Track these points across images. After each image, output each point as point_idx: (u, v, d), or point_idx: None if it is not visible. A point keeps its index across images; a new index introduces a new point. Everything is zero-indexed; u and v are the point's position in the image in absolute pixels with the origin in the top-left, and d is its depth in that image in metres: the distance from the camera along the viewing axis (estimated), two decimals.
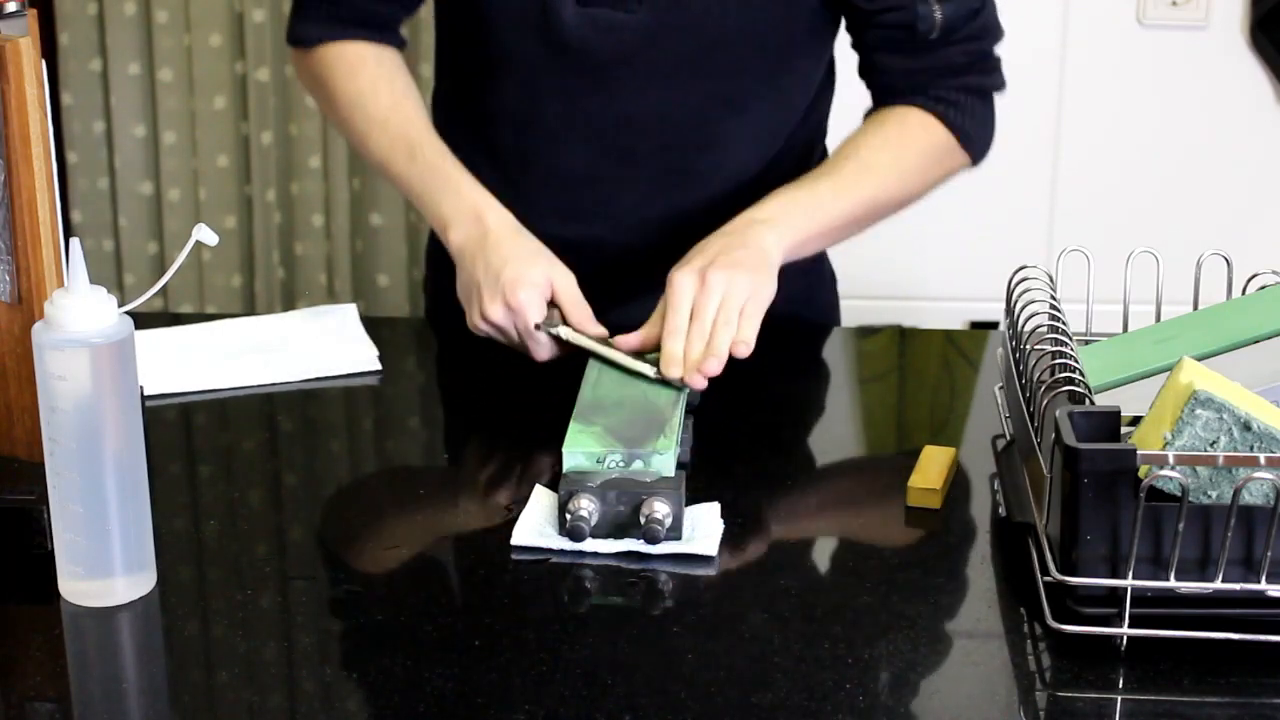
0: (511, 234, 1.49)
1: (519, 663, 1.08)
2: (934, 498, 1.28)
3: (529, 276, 1.45)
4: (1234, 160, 2.73)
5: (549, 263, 1.47)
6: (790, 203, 1.51)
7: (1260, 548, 1.07)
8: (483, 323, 1.47)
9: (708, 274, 1.41)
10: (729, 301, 1.40)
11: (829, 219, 1.53)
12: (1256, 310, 1.26)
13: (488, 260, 1.47)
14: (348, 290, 2.85)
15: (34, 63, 1.17)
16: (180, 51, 2.77)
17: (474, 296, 1.47)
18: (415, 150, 1.56)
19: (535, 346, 1.45)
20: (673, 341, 1.38)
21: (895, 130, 1.58)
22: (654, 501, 1.20)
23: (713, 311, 1.39)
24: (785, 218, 1.50)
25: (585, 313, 1.46)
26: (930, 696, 1.07)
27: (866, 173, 1.55)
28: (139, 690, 1.07)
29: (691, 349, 1.38)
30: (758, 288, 1.42)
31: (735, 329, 1.39)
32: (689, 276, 1.41)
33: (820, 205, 1.52)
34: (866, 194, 1.55)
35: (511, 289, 1.44)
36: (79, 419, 1.10)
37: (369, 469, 1.43)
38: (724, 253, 1.44)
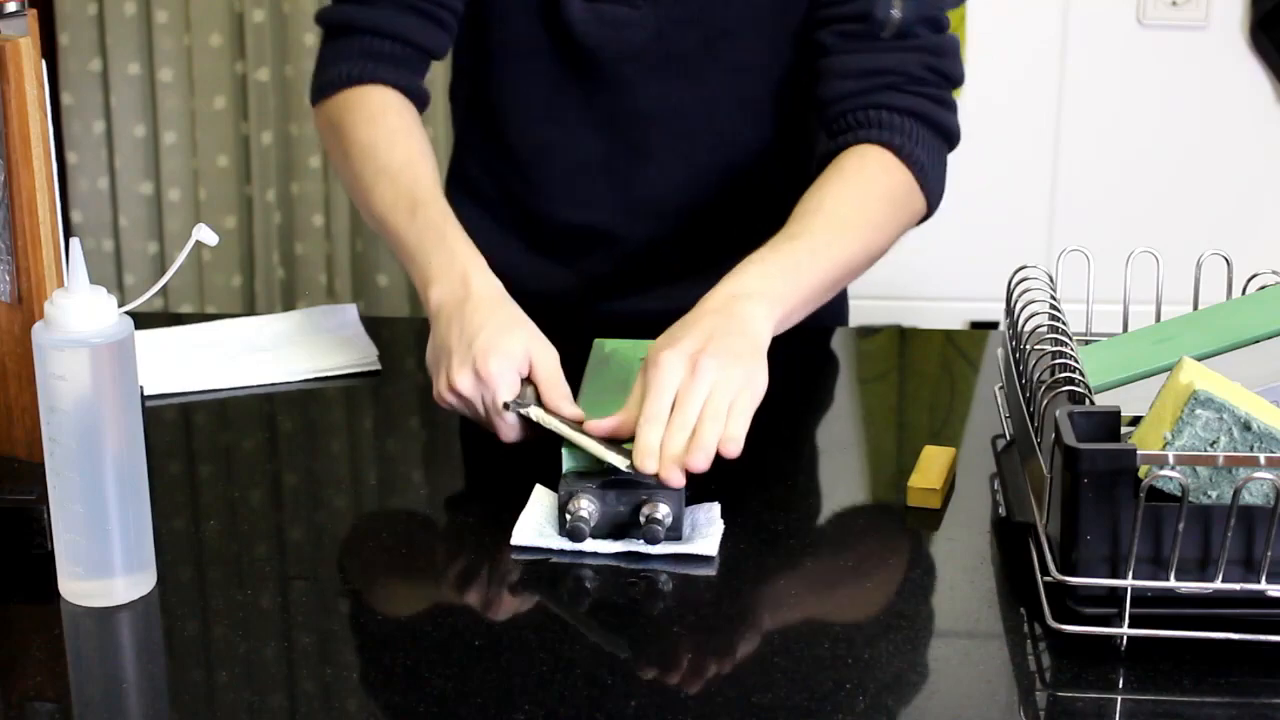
0: (494, 301, 1.35)
1: (519, 663, 1.08)
2: (934, 498, 1.28)
3: (504, 346, 1.30)
4: (1234, 160, 2.73)
5: (529, 335, 1.32)
6: (769, 272, 1.39)
7: (1260, 548, 1.07)
8: (449, 394, 1.31)
9: (699, 360, 1.26)
10: (718, 393, 1.25)
11: (809, 286, 1.41)
12: (1256, 310, 1.26)
13: (464, 325, 1.32)
14: (348, 290, 2.85)
15: (34, 63, 1.17)
16: (180, 51, 2.78)
17: (442, 363, 1.33)
18: (418, 208, 1.44)
19: (502, 425, 1.30)
20: (649, 430, 1.23)
21: (856, 175, 1.49)
22: (654, 501, 1.20)
23: (698, 402, 1.25)
24: (770, 290, 1.37)
25: (562, 393, 1.30)
26: (930, 696, 1.07)
27: (838, 229, 1.45)
28: (139, 690, 1.07)
29: (670, 441, 1.22)
30: (751, 379, 1.28)
31: (722, 424, 1.24)
32: (677, 359, 1.26)
33: (800, 272, 1.40)
34: (842, 253, 1.45)
35: (483, 358, 1.29)
36: (79, 419, 1.10)
37: (369, 469, 1.43)
38: (716, 337, 1.29)
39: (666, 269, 1.64)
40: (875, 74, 1.51)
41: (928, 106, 1.52)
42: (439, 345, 1.34)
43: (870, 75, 1.51)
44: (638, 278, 1.64)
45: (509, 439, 1.31)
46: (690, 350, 1.27)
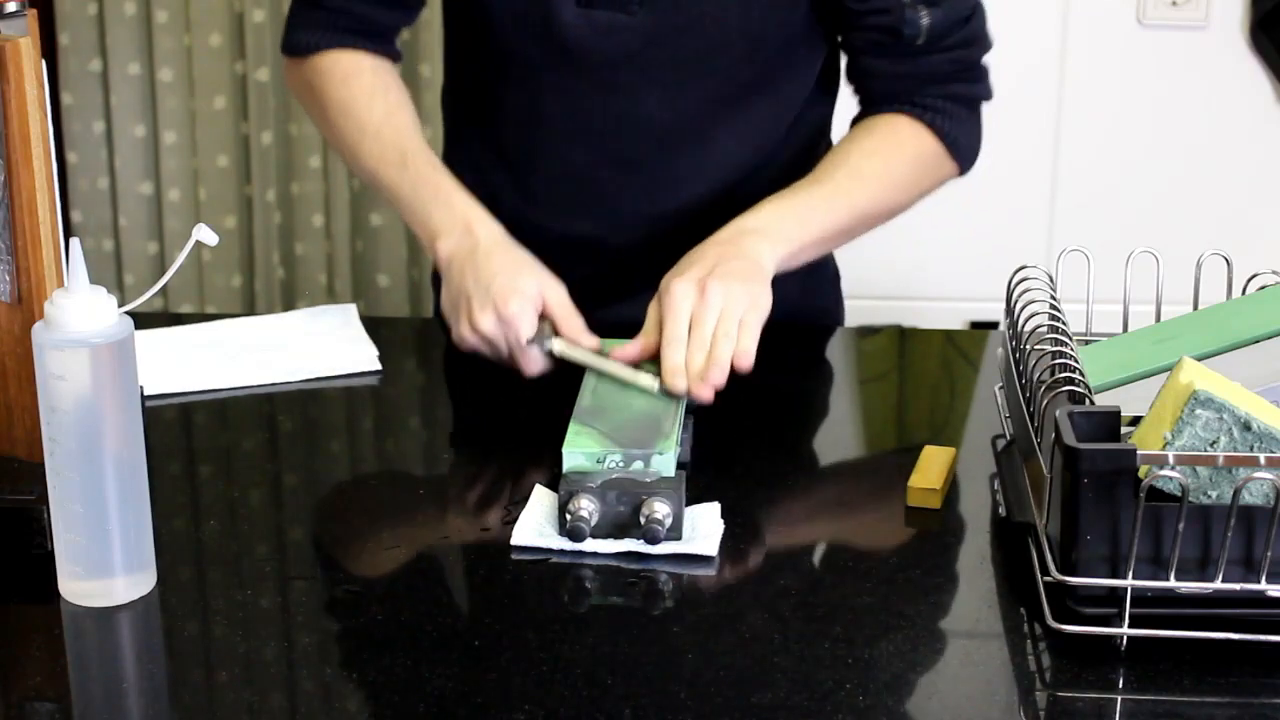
0: (502, 245, 1.47)
1: (519, 663, 1.08)
2: (934, 498, 1.28)
3: (521, 287, 1.41)
4: (1234, 160, 2.73)
5: (540, 274, 1.44)
6: (782, 212, 1.49)
7: (1260, 548, 1.07)
8: (471, 335, 1.43)
9: (706, 284, 1.38)
10: (728, 312, 1.37)
11: (820, 228, 1.51)
12: (1256, 310, 1.26)
13: (477, 271, 1.43)
14: (348, 290, 2.85)
15: (34, 63, 1.17)
16: (180, 51, 2.78)
17: (462, 307, 1.44)
18: (407, 159, 1.53)
19: (526, 361, 1.42)
20: (674, 351, 1.35)
21: (884, 137, 1.57)
22: (654, 501, 1.20)
23: (712, 322, 1.37)
24: (778, 227, 1.48)
25: (578, 324, 1.42)
26: (930, 696, 1.07)
27: (857, 181, 1.53)
28: (139, 690, 1.07)
29: (693, 360, 1.35)
30: (755, 299, 1.39)
31: (735, 340, 1.36)
32: (686, 285, 1.39)
33: (812, 214, 1.50)
34: (858, 203, 1.53)
35: (503, 300, 1.40)
36: (79, 419, 1.10)
37: (369, 469, 1.43)
38: (721, 263, 1.41)
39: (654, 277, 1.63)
40: (907, 78, 1.58)
41: (958, 89, 1.59)
42: (455, 292, 1.45)
43: (902, 79, 1.58)
44: (627, 286, 1.64)
45: (532, 373, 1.42)
46: (698, 276, 1.39)
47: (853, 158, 1.55)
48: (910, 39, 1.54)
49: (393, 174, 1.54)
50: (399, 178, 1.53)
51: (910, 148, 1.57)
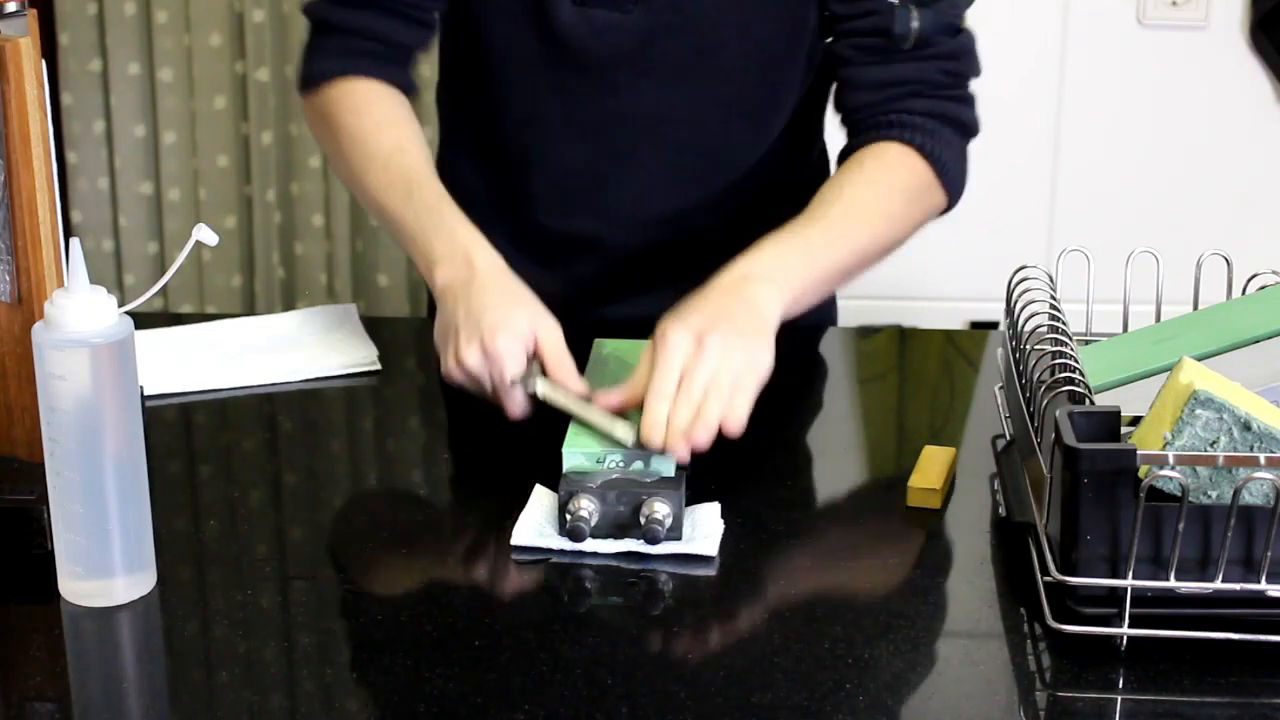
0: (498, 278, 1.39)
1: (519, 663, 1.08)
2: (934, 498, 1.28)
3: (510, 323, 1.33)
4: (1234, 160, 2.73)
5: (534, 311, 1.36)
6: (783, 255, 1.42)
7: (1260, 548, 1.07)
8: (456, 369, 1.35)
9: (705, 338, 1.29)
10: (723, 372, 1.28)
11: (822, 270, 1.44)
12: (1256, 310, 1.26)
13: (469, 303, 1.35)
14: (348, 290, 2.85)
15: (34, 63, 1.17)
16: (180, 51, 2.78)
17: (450, 339, 1.36)
18: (414, 190, 1.47)
19: (510, 401, 1.33)
20: (657, 404, 1.26)
21: (875, 168, 1.51)
22: (654, 501, 1.20)
23: (704, 380, 1.27)
24: (781, 273, 1.40)
25: (568, 368, 1.33)
26: (930, 696, 1.07)
27: (853, 217, 1.47)
28: (139, 690, 1.07)
29: (676, 416, 1.25)
30: (754, 359, 1.30)
31: (725, 403, 1.27)
32: (683, 336, 1.29)
33: (813, 256, 1.43)
34: (857, 241, 1.47)
35: (491, 335, 1.32)
36: (79, 419, 1.10)
37: (369, 469, 1.43)
38: (724, 317, 1.32)
39: (652, 276, 1.63)
40: (895, 84, 1.53)
41: (947, 107, 1.54)
42: (446, 323, 1.37)
43: (890, 86, 1.53)
44: (624, 284, 1.63)
45: (516, 415, 1.33)
46: (697, 328, 1.30)
47: (846, 192, 1.49)
48: (900, 38, 1.51)
49: (398, 204, 1.48)
50: (404, 208, 1.47)
51: (901, 176, 1.52)
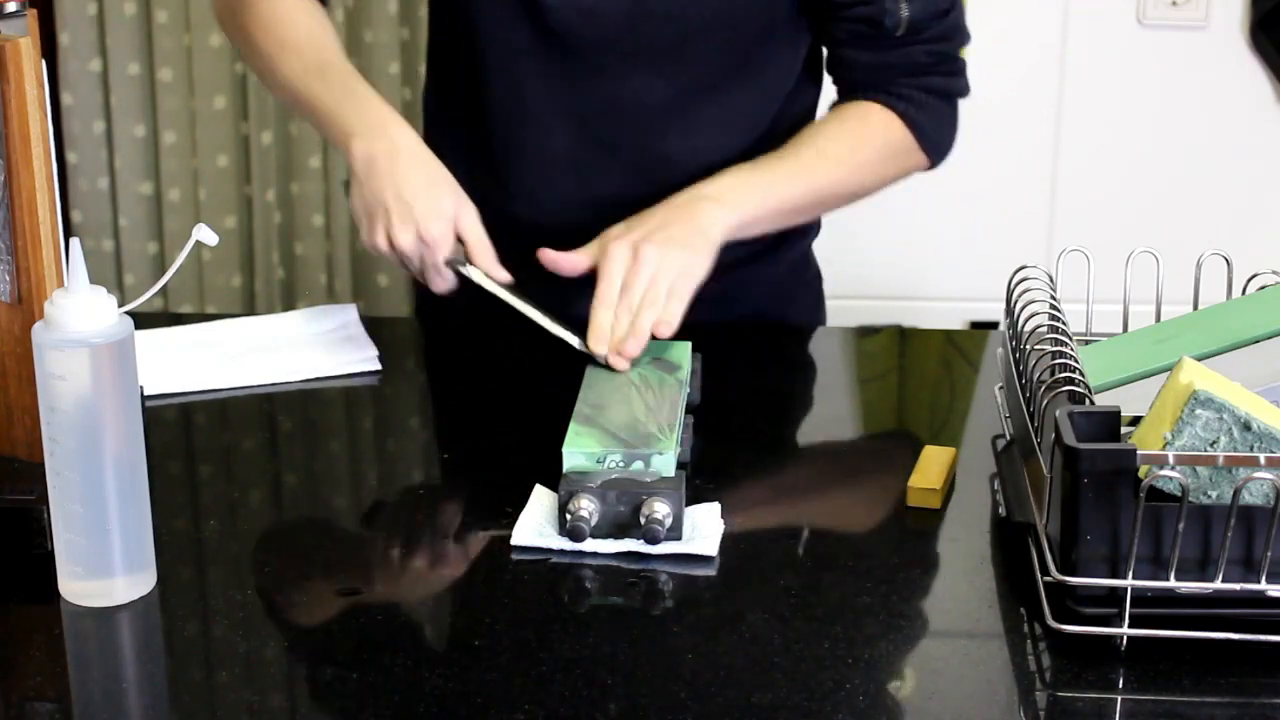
0: (420, 155, 1.48)
1: (519, 663, 1.08)
2: (934, 498, 1.28)
3: (443, 209, 1.45)
4: (1234, 160, 2.73)
5: (457, 195, 1.47)
6: (742, 182, 1.52)
7: (1260, 548, 1.07)
8: (386, 246, 1.46)
9: (641, 248, 1.42)
10: (658, 279, 1.41)
11: (779, 202, 1.53)
12: (1256, 310, 1.26)
13: (398, 183, 1.45)
14: (348, 290, 2.85)
15: (34, 63, 1.17)
16: (180, 51, 2.77)
17: (379, 217, 1.45)
18: (326, 71, 1.54)
19: (438, 280, 1.46)
20: (602, 312, 1.40)
21: (855, 123, 1.59)
22: (654, 501, 1.20)
23: (641, 287, 1.40)
24: (735, 196, 1.50)
25: (491, 255, 1.46)
26: (930, 696, 1.07)
27: (822, 161, 1.56)
28: (139, 690, 1.07)
29: (618, 325, 1.39)
30: (689, 266, 1.43)
31: (660, 308, 1.40)
32: (622, 247, 1.42)
33: (772, 187, 1.53)
34: (818, 182, 1.56)
35: (425, 220, 1.43)
36: (79, 419, 1.10)
37: (369, 469, 1.43)
38: (662, 227, 1.44)
39: None
40: (885, 68, 1.59)
41: (934, 82, 1.60)
42: (372, 198, 1.46)
43: (880, 69, 1.59)
44: None
45: (442, 289, 1.47)
46: (635, 239, 1.43)
47: (820, 138, 1.57)
48: (890, 30, 1.56)
49: (313, 84, 1.54)
50: (318, 88, 1.53)
51: (879, 135, 1.59)
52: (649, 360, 1.40)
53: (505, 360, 1.58)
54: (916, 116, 1.59)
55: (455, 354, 1.64)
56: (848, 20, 1.57)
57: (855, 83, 1.61)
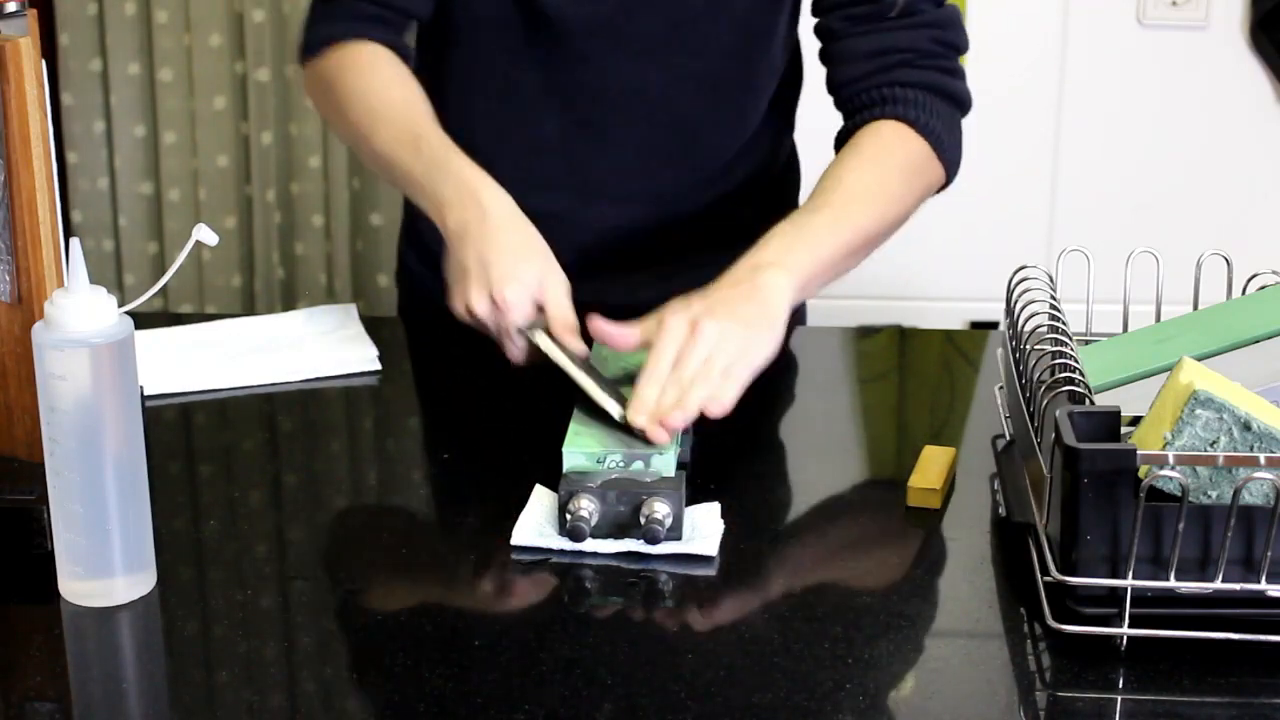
0: (509, 220, 1.42)
1: (519, 663, 1.08)
2: (934, 498, 1.28)
3: (520, 274, 1.37)
4: (1234, 160, 2.73)
5: (544, 262, 1.40)
6: (788, 242, 1.43)
7: (1260, 548, 1.07)
8: (465, 312, 1.40)
9: (700, 323, 1.31)
10: (714, 358, 1.30)
11: (829, 255, 1.44)
12: (1256, 310, 1.26)
13: (482, 247, 1.39)
14: (348, 290, 2.85)
15: (34, 63, 1.17)
16: (180, 51, 2.78)
17: (461, 282, 1.41)
18: (420, 142, 1.50)
19: (512, 348, 1.39)
20: (648, 386, 1.29)
21: (873, 149, 1.52)
22: (654, 501, 1.20)
23: (695, 364, 1.30)
24: (790, 259, 1.41)
25: (570, 324, 1.38)
26: (930, 696, 1.07)
27: (855, 201, 1.48)
28: (139, 690, 1.07)
29: (664, 399, 1.28)
30: (750, 346, 1.33)
31: (714, 386, 1.29)
32: (679, 323, 1.32)
33: (819, 241, 1.44)
34: (860, 224, 1.47)
35: (500, 284, 1.37)
36: (79, 419, 1.10)
37: (369, 469, 1.43)
38: (725, 304, 1.34)
39: (626, 259, 1.64)
40: (886, 53, 1.55)
41: (938, 78, 1.56)
42: (459, 264, 1.41)
43: (881, 55, 1.55)
44: (598, 267, 1.64)
45: (516, 359, 1.40)
46: (696, 313, 1.32)
47: (846, 177, 1.50)
48: (887, 5, 1.54)
49: (407, 155, 1.50)
50: (413, 159, 1.49)
51: (898, 154, 1.53)
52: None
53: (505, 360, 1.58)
54: (927, 122, 1.53)
55: (455, 354, 1.64)
56: (843, 5, 1.55)
57: (859, 83, 1.56)
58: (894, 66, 1.55)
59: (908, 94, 1.54)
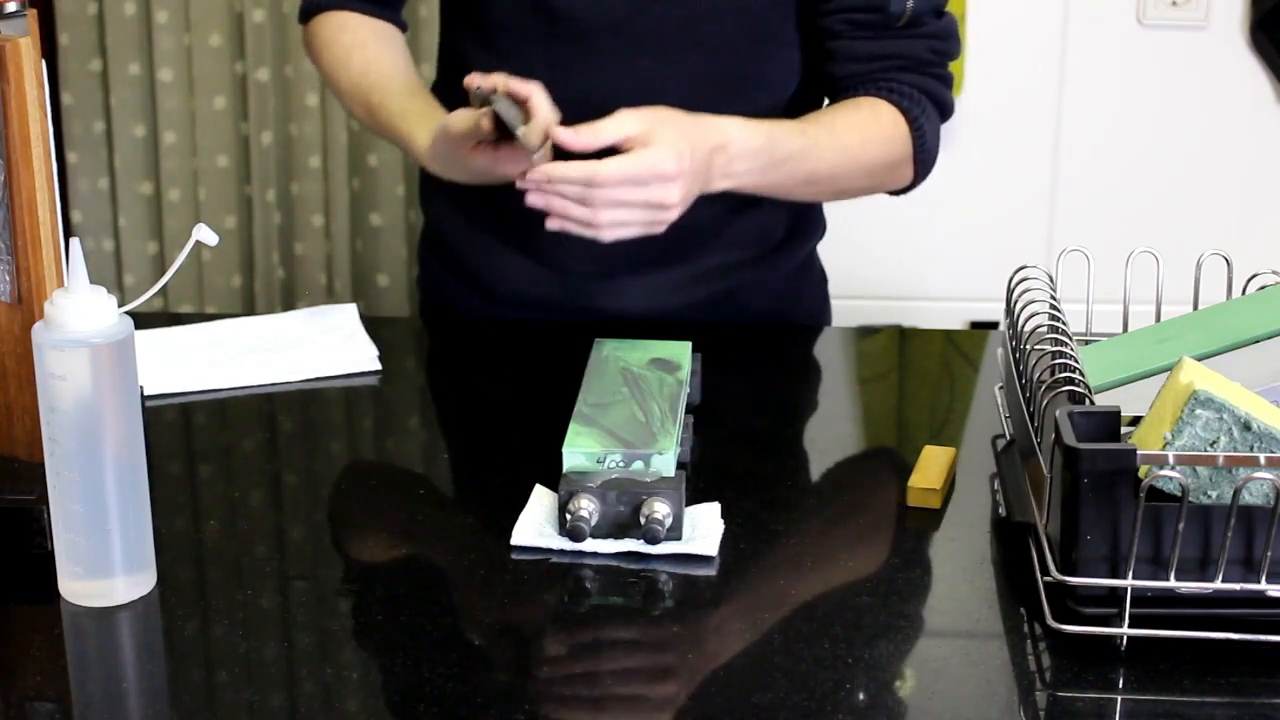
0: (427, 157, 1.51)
1: (519, 663, 1.08)
2: (934, 498, 1.28)
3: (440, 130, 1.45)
4: (1234, 160, 2.73)
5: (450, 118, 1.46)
6: (753, 148, 1.47)
7: (1260, 548, 1.07)
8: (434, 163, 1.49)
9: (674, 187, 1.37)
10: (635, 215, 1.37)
11: (774, 182, 1.51)
12: (1256, 310, 1.26)
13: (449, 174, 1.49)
14: (348, 290, 2.85)
15: (34, 63, 1.17)
16: (180, 51, 2.77)
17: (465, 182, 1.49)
18: (374, 113, 1.59)
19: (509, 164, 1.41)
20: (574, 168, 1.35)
21: (869, 118, 1.56)
22: (654, 501, 1.20)
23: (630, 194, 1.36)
24: (743, 165, 1.46)
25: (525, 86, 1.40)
26: (930, 696, 1.07)
27: (831, 150, 1.53)
28: (139, 690, 1.07)
29: (567, 173, 1.35)
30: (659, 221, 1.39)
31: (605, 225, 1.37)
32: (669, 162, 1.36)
33: (778, 166, 1.49)
34: (817, 168, 1.53)
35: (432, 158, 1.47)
36: (79, 419, 1.10)
37: (369, 469, 1.43)
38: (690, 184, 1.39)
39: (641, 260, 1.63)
40: (885, 58, 1.58)
41: (933, 85, 1.59)
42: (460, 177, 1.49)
43: (880, 59, 1.58)
44: (615, 270, 1.64)
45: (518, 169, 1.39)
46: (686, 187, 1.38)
47: (837, 123, 1.54)
48: (894, 17, 1.56)
49: (373, 126, 1.61)
50: (378, 128, 1.60)
51: (885, 139, 1.56)
52: (649, 360, 1.40)
53: (505, 360, 1.58)
54: (925, 125, 1.57)
55: (455, 354, 1.64)
56: (850, 9, 1.57)
57: (855, 79, 1.59)
58: (892, 70, 1.58)
59: (904, 89, 1.57)
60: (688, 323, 1.61)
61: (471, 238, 1.69)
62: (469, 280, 1.72)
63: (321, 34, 1.67)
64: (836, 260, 1.82)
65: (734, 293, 1.65)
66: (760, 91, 1.62)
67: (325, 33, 1.67)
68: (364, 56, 1.63)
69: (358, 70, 1.62)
